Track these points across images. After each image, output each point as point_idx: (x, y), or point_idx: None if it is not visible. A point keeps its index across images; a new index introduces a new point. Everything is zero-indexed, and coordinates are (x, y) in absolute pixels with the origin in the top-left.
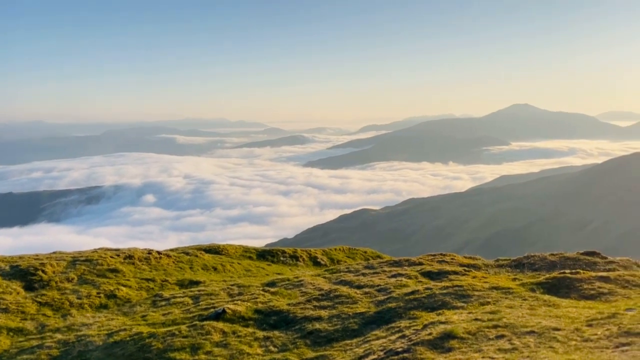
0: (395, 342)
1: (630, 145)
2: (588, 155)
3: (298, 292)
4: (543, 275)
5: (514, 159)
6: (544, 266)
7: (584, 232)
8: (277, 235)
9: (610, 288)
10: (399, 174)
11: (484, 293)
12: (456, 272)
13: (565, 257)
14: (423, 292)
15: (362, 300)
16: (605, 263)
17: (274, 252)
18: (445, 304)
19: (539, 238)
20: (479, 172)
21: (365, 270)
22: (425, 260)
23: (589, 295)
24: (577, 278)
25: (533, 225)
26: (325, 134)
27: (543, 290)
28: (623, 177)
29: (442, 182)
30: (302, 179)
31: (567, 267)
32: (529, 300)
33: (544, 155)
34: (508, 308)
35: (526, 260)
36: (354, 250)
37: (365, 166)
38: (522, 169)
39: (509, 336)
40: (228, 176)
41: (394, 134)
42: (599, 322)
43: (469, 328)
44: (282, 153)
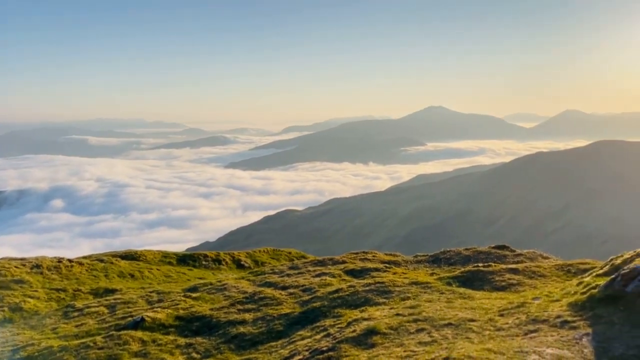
0: (321, 341)
1: (534, 145)
2: (496, 155)
3: (221, 296)
4: (458, 269)
5: (430, 158)
6: (459, 260)
7: (495, 227)
8: (199, 239)
9: (518, 279)
10: (321, 175)
11: (404, 288)
12: (378, 269)
13: (478, 251)
14: (347, 290)
15: (287, 301)
16: (514, 256)
17: (196, 256)
18: (368, 300)
19: (454, 233)
20: (397, 171)
21: (290, 271)
22: (349, 258)
23: (501, 287)
24: (489, 271)
25: (448, 221)
26: (247, 135)
27: (459, 283)
28: (528, 175)
29: (362, 181)
30: (223, 181)
31: (480, 261)
32: (446, 293)
33: (457, 155)
34: (427, 302)
35: (443, 256)
36: (278, 252)
37: (288, 167)
38: (437, 168)
39: (429, 329)
40: (144, 178)
41: (316, 135)
42: (510, 311)
43: (391, 323)
44: (202, 154)
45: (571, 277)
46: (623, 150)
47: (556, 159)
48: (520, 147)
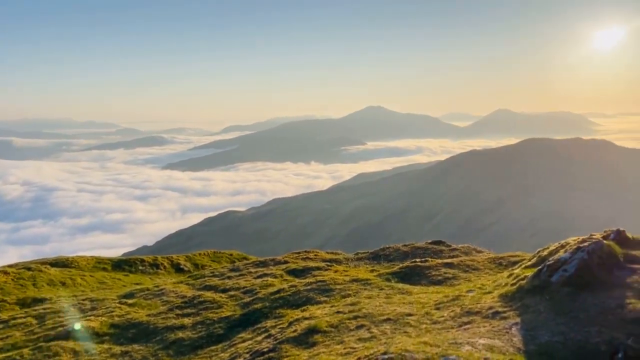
0: (262, 342)
1: (467, 143)
2: (433, 153)
3: (159, 302)
4: (397, 265)
5: (370, 157)
6: (398, 256)
7: (432, 223)
8: (136, 243)
9: (454, 273)
10: (262, 175)
11: (345, 286)
12: (319, 267)
13: (416, 247)
14: (288, 290)
15: (228, 304)
16: (449, 250)
17: (132, 261)
18: (310, 299)
19: (394, 230)
20: (338, 170)
21: (231, 273)
22: (291, 258)
23: (437, 281)
24: (426, 266)
25: (388, 219)
26: (185, 135)
27: (398, 279)
28: (463, 173)
29: (304, 181)
30: (160, 183)
31: (418, 256)
32: (386, 289)
33: (396, 153)
34: (367, 299)
35: (382, 252)
36: (219, 254)
37: (229, 167)
38: (376, 167)
39: (368, 325)
40: (75, 181)
41: (257, 135)
42: (445, 304)
43: (332, 321)
44: (138, 155)
45: (503, 269)
46: (549, 147)
47: (488, 156)
48: (455, 145)
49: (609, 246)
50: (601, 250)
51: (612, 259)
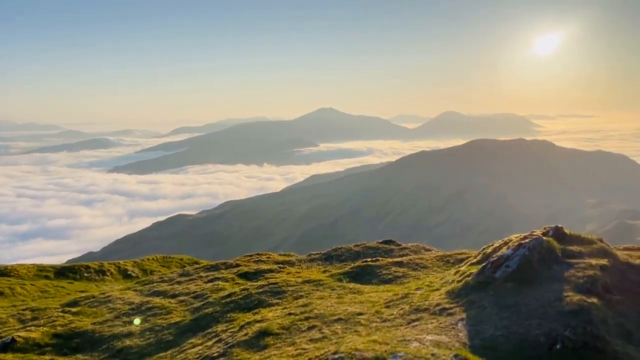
0: (212, 347)
1: (417, 144)
2: (384, 155)
3: (105, 309)
4: (349, 265)
5: (322, 159)
6: (350, 256)
7: (384, 223)
8: (81, 250)
9: (404, 271)
10: (213, 177)
11: (297, 287)
12: (272, 270)
13: (367, 246)
14: (240, 293)
15: (177, 310)
16: (399, 249)
17: (76, 268)
18: (262, 302)
19: (347, 231)
20: (291, 172)
21: (181, 278)
22: (242, 261)
23: (387, 280)
24: (377, 265)
25: (342, 219)
26: (132, 137)
27: (349, 279)
28: (412, 173)
29: (257, 183)
30: (106, 187)
31: (369, 256)
32: (337, 289)
33: (348, 155)
34: (319, 299)
35: (334, 253)
36: (169, 259)
37: (178, 170)
38: (329, 168)
39: (320, 326)
40: (14, 186)
41: (208, 136)
42: (395, 302)
43: (283, 323)
44: (82, 158)
45: (450, 267)
46: (494, 148)
47: (437, 157)
48: (405, 146)
49: (548, 242)
50: (541, 247)
51: (551, 254)
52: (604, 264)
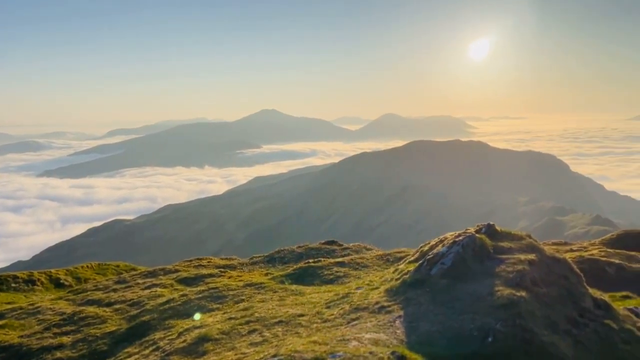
0: (149, 356)
1: (359, 146)
2: (327, 156)
3: (34, 321)
4: (291, 266)
5: (265, 161)
6: (293, 258)
7: (328, 223)
8: (9, 259)
9: (345, 271)
10: (151, 180)
11: (238, 291)
12: (212, 274)
13: (310, 247)
14: (179, 299)
15: (113, 318)
16: (341, 250)
17: (3, 278)
18: (202, 307)
19: (291, 232)
20: (233, 174)
21: (117, 285)
22: (182, 266)
23: (329, 280)
24: (319, 266)
25: (286, 221)
26: (64, 139)
27: (291, 280)
28: (355, 174)
29: (197, 186)
30: (35, 192)
31: (312, 257)
32: (279, 292)
33: (291, 156)
34: (260, 302)
35: (277, 255)
36: (104, 266)
37: (114, 173)
38: (272, 170)
39: (260, 329)
40: None
41: (145, 139)
42: (336, 302)
43: (223, 328)
44: (9, 162)
45: (390, 265)
46: (432, 149)
47: (378, 158)
48: (348, 148)
49: (481, 239)
50: (474, 244)
51: (484, 250)
52: (532, 259)
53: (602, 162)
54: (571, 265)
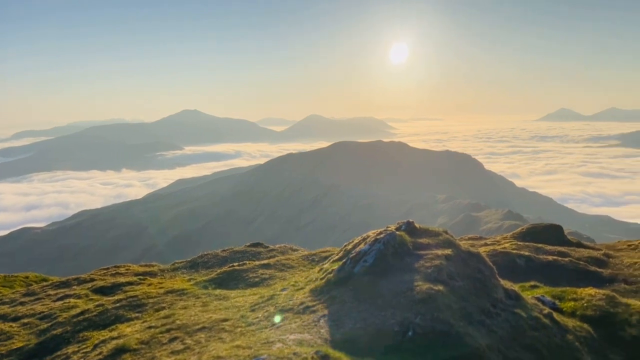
0: None
1: (284, 147)
2: (252, 157)
3: None
4: (215, 271)
5: (187, 163)
6: (217, 262)
7: (254, 225)
8: None
9: (271, 273)
10: (63, 185)
11: (159, 299)
12: (131, 282)
13: (235, 251)
14: (94, 310)
15: (20, 334)
16: (267, 251)
17: None
18: (119, 317)
19: (216, 236)
20: (153, 177)
21: (25, 298)
22: (98, 275)
23: (254, 283)
24: (244, 269)
25: (211, 224)
26: None
27: (215, 285)
28: (281, 175)
29: (114, 190)
30: None
31: (237, 260)
32: (202, 297)
33: (214, 158)
34: (182, 309)
35: (200, 260)
36: (11, 278)
37: (21, 178)
38: (195, 172)
39: (182, 337)
40: None
41: (56, 141)
42: (261, 305)
43: (143, 337)
44: None
45: (315, 265)
46: (355, 149)
47: (304, 159)
48: (273, 149)
49: (401, 236)
50: (394, 241)
51: (404, 247)
52: (448, 254)
53: (512, 161)
54: (484, 259)
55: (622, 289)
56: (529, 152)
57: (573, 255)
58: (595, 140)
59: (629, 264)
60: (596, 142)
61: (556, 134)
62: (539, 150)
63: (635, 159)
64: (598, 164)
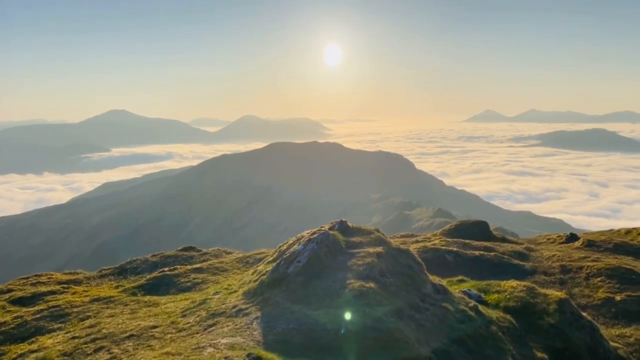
0: None
1: (218, 148)
2: (184, 159)
3: None
4: (145, 277)
5: (115, 165)
6: (147, 268)
7: (188, 229)
8: None
9: (203, 277)
10: None
11: (84, 308)
12: (54, 291)
13: (166, 256)
14: (11, 322)
15: None
16: (200, 255)
17: None
18: (40, 329)
19: (148, 241)
20: (77, 181)
21: None
22: (16, 285)
23: (186, 287)
24: (175, 274)
25: (143, 228)
26: None
27: (145, 292)
28: (215, 176)
29: (34, 195)
30: None
31: (168, 265)
32: (131, 304)
33: (145, 160)
34: (109, 317)
35: (129, 266)
36: None
37: None
38: (123, 175)
39: (108, 346)
40: None
41: None
42: (192, 310)
43: (65, 349)
44: None
45: (249, 267)
46: (291, 150)
47: (239, 160)
48: (206, 150)
49: (334, 235)
50: (328, 240)
51: (337, 246)
52: (379, 252)
53: (442, 160)
54: (414, 255)
55: (542, 280)
56: (457, 152)
57: (498, 249)
58: (518, 140)
59: (548, 257)
60: (518, 142)
61: (482, 134)
62: (467, 150)
63: (554, 158)
64: (520, 163)
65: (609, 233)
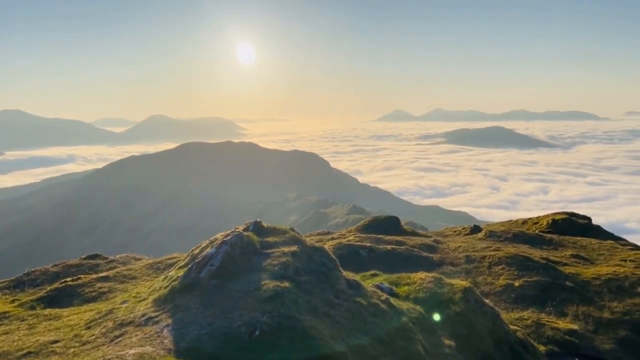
0: None
1: (125, 149)
2: (87, 162)
3: None
4: (45, 289)
5: (9, 170)
6: (47, 279)
7: (96, 234)
8: None
9: (110, 286)
10: None
11: None
12: None
13: (69, 265)
14: None
15: None
16: (106, 263)
17: None
18: None
19: (51, 249)
20: None
21: None
22: None
23: (91, 298)
24: (79, 284)
25: (43, 236)
26: None
27: (44, 304)
28: (123, 179)
29: None
30: None
31: (71, 275)
32: (29, 319)
33: (43, 163)
34: (3, 335)
35: (27, 278)
36: None
37: None
38: (19, 180)
39: None
40: None
41: None
42: (98, 321)
43: None
44: None
45: (160, 274)
46: (205, 151)
47: (148, 162)
48: (112, 151)
49: (248, 236)
50: (242, 241)
51: (251, 247)
52: (294, 251)
53: (355, 159)
54: (328, 253)
55: (449, 270)
56: (369, 150)
57: (408, 243)
58: (425, 138)
59: (454, 248)
60: (426, 140)
61: (392, 133)
62: (378, 149)
63: (458, 155)
64: (428, 160)
65: (508, 224)
